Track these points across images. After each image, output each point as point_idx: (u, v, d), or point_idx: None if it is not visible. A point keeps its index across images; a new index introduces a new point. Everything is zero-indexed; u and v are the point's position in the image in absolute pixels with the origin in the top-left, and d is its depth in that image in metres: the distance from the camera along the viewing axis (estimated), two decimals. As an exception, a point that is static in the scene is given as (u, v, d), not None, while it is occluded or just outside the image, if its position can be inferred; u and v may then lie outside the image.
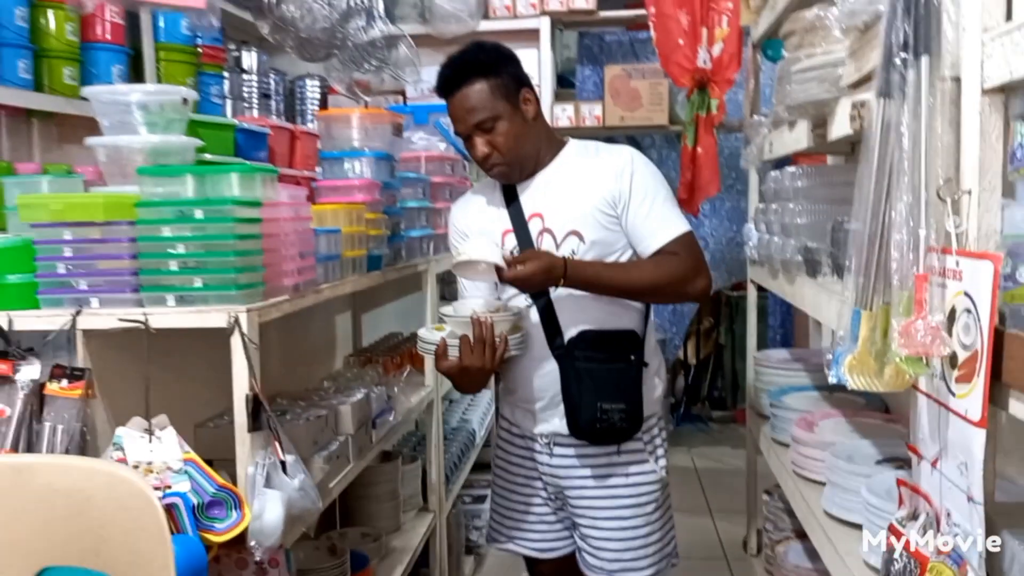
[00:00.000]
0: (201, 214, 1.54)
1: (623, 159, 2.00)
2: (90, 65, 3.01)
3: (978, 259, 0.99)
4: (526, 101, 2.00)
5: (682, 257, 1.93)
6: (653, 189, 1.98)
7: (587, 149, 2.07)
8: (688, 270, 1.93)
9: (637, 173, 1.97)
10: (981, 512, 1.00)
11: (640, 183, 1.97)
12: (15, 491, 1.12)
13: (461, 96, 1.95)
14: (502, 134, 1.95)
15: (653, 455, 2.04)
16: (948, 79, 1.10)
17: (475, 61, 1.97)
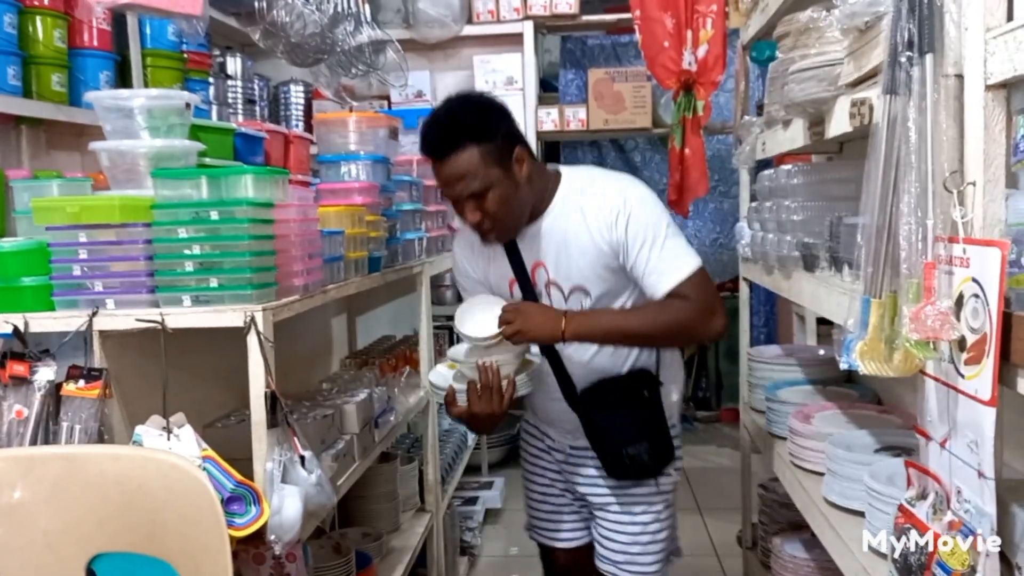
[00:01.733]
0: (216, 215, 1.56)
1: (615, 204, 1.87)
2: (78, 71, 3.01)
3: (986, 246, 1.04)
4: (519, 161, 1.86)
5: (692, 300, 1.84)
6: (652, 230, 1.87)
7: (579, 189, 1.94)
8: (697, 313, 1.85)
9: (632, 218, 1.86)
10: (992, 487, 1.04)
11: (637, 228, 1.86)
12: (67, 480, 1.14)
13: (451, 163, 1.81)
14: (495, 201, 1.84)
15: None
16: (951, 76, 1.15)
17: (466, 124, 1.82)
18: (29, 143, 2.97)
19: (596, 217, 1.88)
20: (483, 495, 4.09)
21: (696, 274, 1.87)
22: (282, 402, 1.56)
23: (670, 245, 1.87)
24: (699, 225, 5.28)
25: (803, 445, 2.06)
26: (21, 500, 1.16)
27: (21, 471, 1.20)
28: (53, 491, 1.15)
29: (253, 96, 4.37)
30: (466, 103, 1.91)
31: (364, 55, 3.61)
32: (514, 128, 1.90)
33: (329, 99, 4.06)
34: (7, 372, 1.52)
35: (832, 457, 1.83)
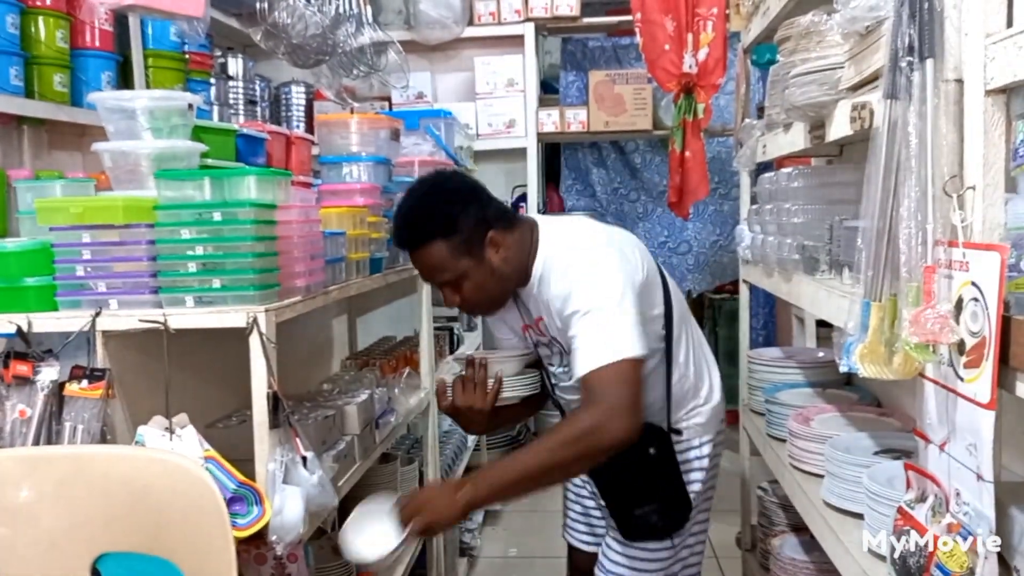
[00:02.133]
0: (220, 216, 1.56)
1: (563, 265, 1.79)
2: (80, 72, 3.02)
3: (985, 250, 1.05)
4: (493, 245, 1.81)
5: (598, 398, 1.65)
6: (593, 301, 1.71)
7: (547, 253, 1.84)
8: (600, 416, 1.64)
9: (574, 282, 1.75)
10: (991, 490, 1.05)
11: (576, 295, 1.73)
12: (73, 480, 1.15)
13: (421, 256, 1.82)
14: (469, 289, 1.83)
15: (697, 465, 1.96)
16: (951, 81, 1.16)
17: (430, 220, 1.79)
18: (31, 143, 2.98)
19: (552, 280, 1.81)
20: (483, 496, 4.08)
21: (616, 365, 1.66)
22: (284, 403, 1.56)
23: (605, 323, 1.69)
24: (699, 227, 5.29)
25: (802, 447, 2.06)
26: (26, 499, 1.17)
27: (26, 470, 1.20)
28: (58, 491, 1.16)
29: (254, 97, 4.38)
30: (430, 196, 1.85)
31: (365, 56, 3.62)
32: (486, 211, 1.83)
33: (330, 100, 4.07)
34: (10, 372, 1.53)
35: (831, 459, 1.84)
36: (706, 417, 1.99)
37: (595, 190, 5.38)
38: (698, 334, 2.04)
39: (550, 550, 3.81)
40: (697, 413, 1.98)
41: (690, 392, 1.96)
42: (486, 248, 1.80)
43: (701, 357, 2.01)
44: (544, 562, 3.72)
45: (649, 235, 5.38)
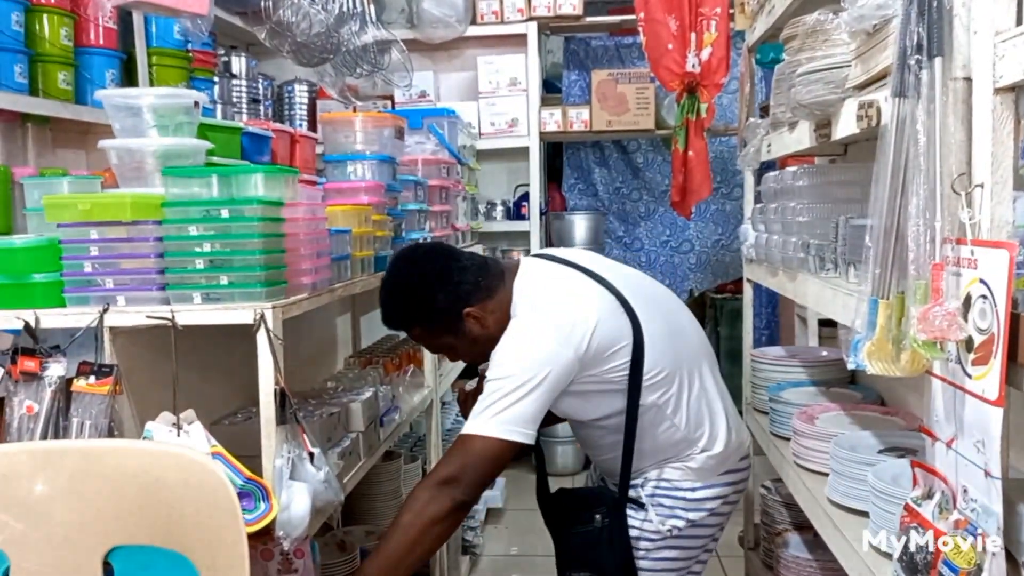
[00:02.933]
0: (227, 214, 1.57)
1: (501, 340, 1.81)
2: (84, 69, 3.03)
3: (994, 248, 1.05)
4: (471, 319, 1.88)
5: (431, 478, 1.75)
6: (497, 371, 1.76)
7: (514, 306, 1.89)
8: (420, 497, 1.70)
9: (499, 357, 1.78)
10: (999, 486, 1.05)
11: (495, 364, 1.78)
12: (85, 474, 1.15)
13: (410, 335, 2.01)
14: (461, 353, 2.02)
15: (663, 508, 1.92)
16: (960, 79, 1.16)
17: (407, 309, 1.92)
18: (35, 141, 2.99)
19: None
20: (485, 494, 4.09)
21: (473, 438, 1.72)
22: (291, 399, 1.57)
23: (495, 393, 1.73)
24: (701, 227, 5.29)
25: (807, 446, 2.07)
26: (39, 494, 1.17)
27: (39, 464, 1.21)
28: (71, 485, 1.16)
29: (257, 95, 4.38)
30: (402, 286, 1.93)
31: (369, 55, 3.62)
32: (459, 289, 1.87)
33: (333, 99, 4.07)
34: (18, 368, 1.53)
35: (836, 457, 1.84)
36: (701, 463, 1.92)
37: (597, 189, 5.39)
38: (706, 383, 1.96)
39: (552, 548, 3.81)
40: (690, 459, 1.93)
41: (682, 443, 1.92)
42: (465, 323, 1.89)
43: (702, 407, 1.94)
44: (546, 560, 3.71)
45: (651, 234, 5.39)
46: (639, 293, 1.91)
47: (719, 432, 1.94)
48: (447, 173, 3.38)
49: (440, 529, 1.71)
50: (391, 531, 1.72)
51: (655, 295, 2.01)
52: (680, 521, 1.92)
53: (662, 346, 1.86)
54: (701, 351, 2.00)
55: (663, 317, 1.93)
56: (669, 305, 2.02)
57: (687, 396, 1.90)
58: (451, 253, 1.98)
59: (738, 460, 2.00)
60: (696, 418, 1.92)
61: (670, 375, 1.87)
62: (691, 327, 2.04)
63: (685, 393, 1.90)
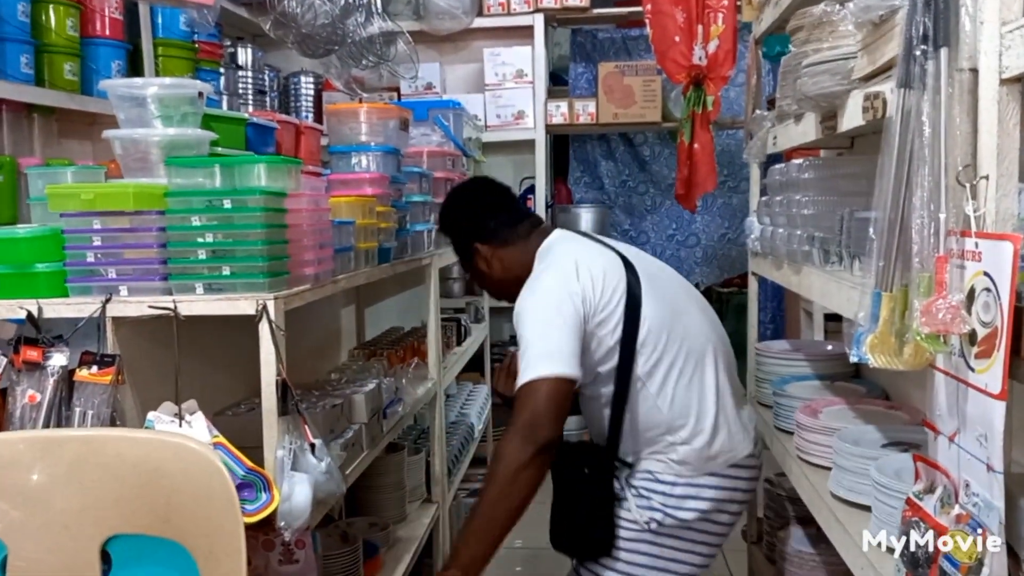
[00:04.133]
0: (230, 204, 1.57)
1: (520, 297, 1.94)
2: (90, 60, 3.03)
3: (998, 240, 1.04)
4: (477, 255, 2.14)
5: (511, 424, 1.80)
6: (522, 328, 1.86)
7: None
8: (507, 446, 1.77)
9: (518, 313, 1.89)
10: (1001, 480, 1.05)
11: (516, 320, 1.89)
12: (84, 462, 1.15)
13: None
14: (474, 277, 2.26)
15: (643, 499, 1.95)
16: (966, 70, 1.15)
17: (440, 216, 2.30)
18: (41, 131, 2.99)
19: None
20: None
21: (527, 386, 1.78)
22: (293, 390, 1.57)
23: (524, 348, 1.83)
24: (707, 220, 5.27)
25: (810, 440, 2.06)
26: (38, 482, 1.18)
27: (38, 453, 1.21)
28: (70, 473, 1.16)
29: (263, 87, 4.39)
30: (446, 198, 2.31)
31: (375, 46, 3.62)
32: (480, 223, 2.13)
33: (339, 90, 4.07)
34: (20, 357, 1.53)
35: (839, 452, 1.83)
36: (683, 456, 1.93)
37: (603, 183, 5.38)
38: (705, 377, 1.96)
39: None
40: (671, 449, 1.93)
41: (662, 425, 1.92)
42: (473, 254, 2.15)
43: (691, 398, 1.93)
44: (549, 553, 3.71)
45: (657, 228, 5.37)
46: (649, 272, 2.00)
47: (704, 427, 1.93)
48: (452, 165, 3.38)
49: (529, 474, 1.77)
50: (486, 486, 1.82)
51: (666, 279, 2.07)
52: (659, 515, 1.93)
53: (659, 320, 1.91)
54: (709, 346, 2.00)
55: (668, 298, 1.98)
56: (679, 292, 2.07)
57: (675, 380, 1.92)
58: (499, 193, 2.23)
59: (727, 466, 1.97)
60: (681, 406, 1.92)
61: (662, 353, 1.90)
62: (702, 319, 2.05)
63: (674, 377, 1.92)
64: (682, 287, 2.11)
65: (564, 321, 1.83)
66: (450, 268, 4.41)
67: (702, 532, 1.97)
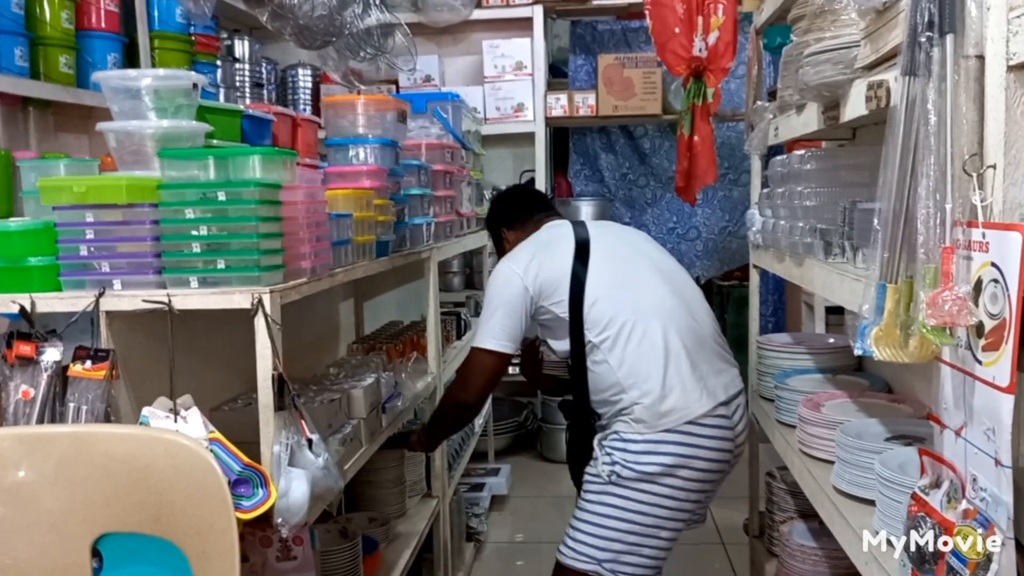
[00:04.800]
0: (224, 196, 1.55)
1: None
2: (85, 53, 3.00)
3: (1006, 230, 1.02)
4: (505, 239, 2.57)
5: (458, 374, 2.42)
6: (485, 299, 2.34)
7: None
8: (452, 388, 2.39)
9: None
10: (1009, 475, 1.03)
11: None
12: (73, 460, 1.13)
13: None
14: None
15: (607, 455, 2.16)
16: (972, 57, 1.13)
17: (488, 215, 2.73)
18: (37, 125, 2.97)
19: None
20: (489, 481, 4.09)
21: (472, 352, 2.29)
22: (289, 385, 1.55)
23: (483, 320, 2.29)
24: (708, 213, 5.25)
25: (813, 433, 2.04)
26: (26, 479, 1.16)
27: (26, 450, 1.19)
28: (58, 470, 1.14)
29: (261, 79, 4.36)
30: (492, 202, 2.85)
31: (372, 38, 3.59)
32: (508, 212, 2.62)
33: (337, 83, 4.05)
34: (13, 352, 1.52)
35: (842, 445, 1.82)
36: (639, 414, 2.12)
37: (603, 175, 5.35)
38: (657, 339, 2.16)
39: (557, 536, 3.78)
40: (630, 410, 2.14)
41: (616, 385, 2.16)
42: (501, 239, 2.60)
43: (642, 359, 2.14)
44: (550, 547, 3.68)
45: (658, 221, 5.35)
46: (613, 251, 2.31)
47: (653, 387, 2.12)
48: (451, 158, 3.35)
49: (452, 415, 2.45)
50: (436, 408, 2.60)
51: (631, 256, 2.34)
52: (618, 467, 2.13)
53: (609, 293, 2.20)
54: (662, 311, 2.21)
55: (625, 272, 2.28)
56: (641, 266, 2.31)
57: (624, 344, 2.15)
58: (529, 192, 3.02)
59: (683, 423, 2.12)
60: (631, 367, 2.14)
61: (612, 319, 2.17)
62: (663, 290, 2.26)
63: (624, 339, 2.16)
64: (648, 262, 2.33)
65: (507, 307, 2.24)
66: (449, 262, 4.39)
67: (666, 486, 2.13)
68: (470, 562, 3.49)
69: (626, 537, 2.13)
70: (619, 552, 2.13)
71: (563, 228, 2.41)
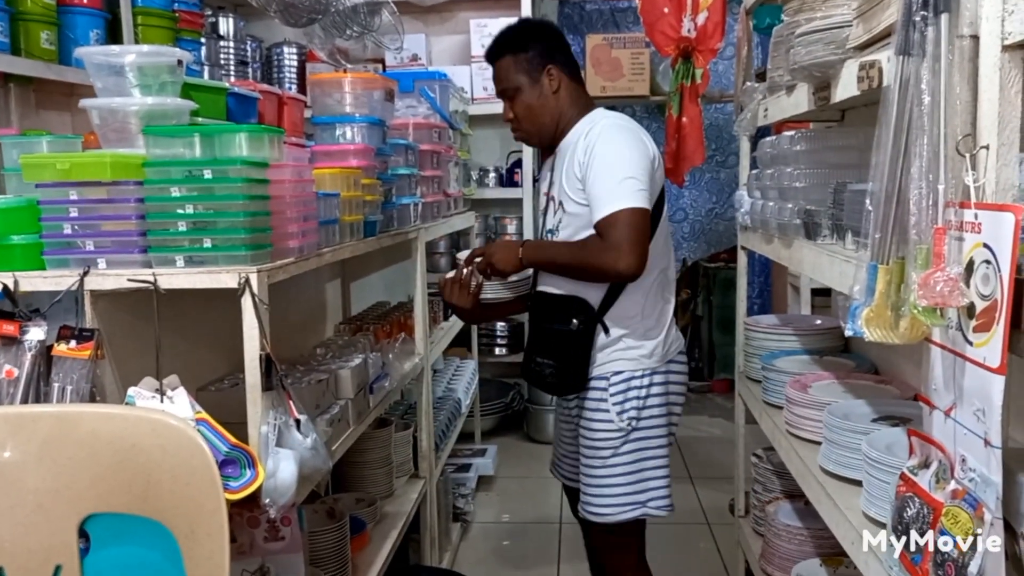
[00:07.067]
0: (210, 174, 1.53)
1: (592, 128, 2.13)
2: (68, 29, 2.96)
3: (999, 211, 1.02)
4: (549, 76, 2.22)
5: (605, 238, 2.00)
6: (608, 159, 2.04)
7: (590, 121, 2.20)
8: (603, 251, 1.99)
9: (598, 142, 2.07)
10: (999, 455, 1.03)
11: (599, 152, 2.05)
12: (60, 439, 1.12)
13: (496, 67, 2.28)
14: (520, 104, 2.25)
15: (619, 405, 2.16)
16: (967, 36, 1.12)
17: (507, 39, 2.27)
18: (18, 102, 2.93)
19: (580, 136, 2.16)
20: (476, 462, 4.10)
21: (622, 213, 1.99)
22: (277, 365, 1.54)
23: (617, 179, 2.02)
24: (695, 195, 5.25)
25: (800, 414, 2.05)
26: (10, 460, 1.14)
27: (10, 430, 1.17)
28: (43, 450, 1.13)
29: (245, 57, 4.31)
30: (516, 23, 2.36)
31: (359, 16, 3.55)
32: (553, 50, 2.24)
33: (323, 61, 4.00)
34: (-3, 332, 1.50)
35: (829, 426, 1.82)
36: (650, 349, 2.19)
37: (591, 156, 5.33)
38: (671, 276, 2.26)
39: (543, 516, 3.82)
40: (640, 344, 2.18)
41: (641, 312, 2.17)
42: (544, 75, 2.22)
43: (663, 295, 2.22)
44: (537, 527, 3.73)
45: (645, 202, 5.34)
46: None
47: (665, 322, 2.22)
48: (439, 138, 3.33)
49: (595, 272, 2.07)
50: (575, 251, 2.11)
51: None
52: (633, 411, 2.17)
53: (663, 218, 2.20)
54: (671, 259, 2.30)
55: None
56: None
57: (657, 273, 2.19)
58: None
59: (677, 352, 2.28)
60: (655, 298, 2.20)
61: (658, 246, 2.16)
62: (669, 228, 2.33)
63: (658, 269, 2.18)
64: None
65: (640, 162, 2.05)
66: (436, 243, 4.37)
67: (671, 405, 2.24)
68: (457, 542, 3.50)
69: (654, 471, 2.20)
70: (651, 484, 2.19)
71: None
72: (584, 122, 2.21)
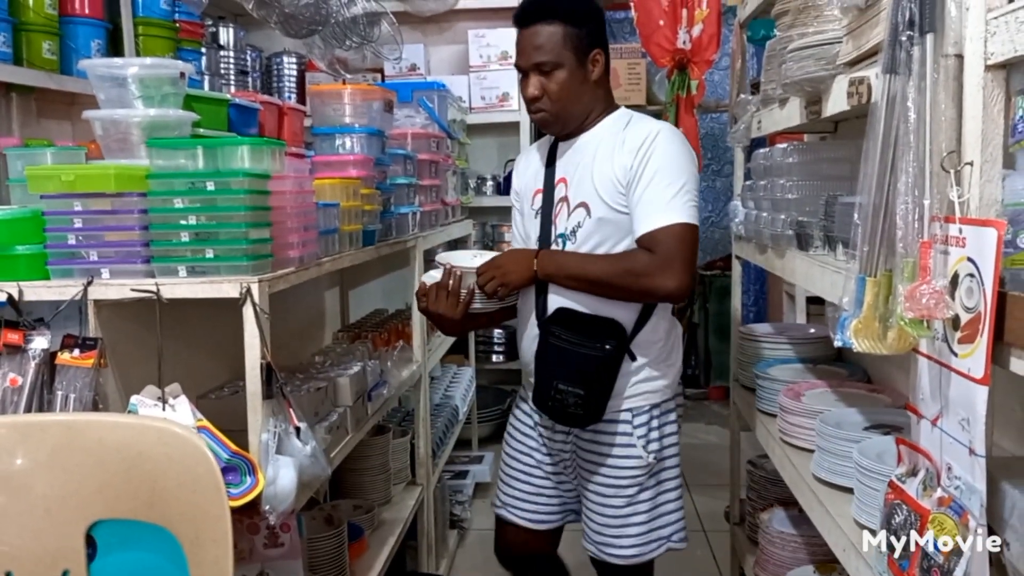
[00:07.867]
0: (212, 186, 1.55)
1: (648, 133, 1.94)
2: (69, 39, 2.98)
3: (983, 226, 1.05)
4: (594, 62, 1.99)
5: (656, 252, 1.84)
6: (664, 171, 1.89)
7: (625, 119, 2.03)
8: (652, 266, 1.84)
9: (655, 151, 1.90)
10: (983, 464, 1.06)
11: (654, 163, 1.89)
12: (67, 447, 1.14)
13: (533, 31, 1.95)
14: (557, 83, 1.96)
15: (644, 439, 2.03)
16: (951, 56, 1.15)
17: (562, 5, 1.95)
18: (19, 111, 2.95)
19: (627, 139, 1.95)
20: (473, 469, 4.11)
21: (673, 228, 1.86)
22: (277, 373, 1.56)
23: (670, 192, 1.88)
24: (691, 204, 5.28)
25: (793, 422, 2.08)
26: (20, 467, 1.16)
27: (20, 438, 1.20)
28: (52, 458, 1.15)
29: (246, 67, 4.34)
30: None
31: (358, 27, 3.59)
32: (603, 34, 2.01)
33: (322, 71, 4.03)
34: (1, 340, 1.52)
35: (822, 434, 1.85)
36: (672, 379, 2.10)
37: (588, 165, 5.36)
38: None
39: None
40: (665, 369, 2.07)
41: (665, 337, 2.06)
42: (588, 59, 1.98)
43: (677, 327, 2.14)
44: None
45: (641, 211, 5.37)
46: None
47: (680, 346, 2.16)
48: (437, 147, 3.36)
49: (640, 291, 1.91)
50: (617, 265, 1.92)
51: None
52: (655, 444, 2.05)
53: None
54: None
55: None
56: None
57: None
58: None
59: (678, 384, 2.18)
60: (671, 322, 2.11)
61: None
62: None
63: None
64: None
65: (691, 176, 1.95)
66: (434, 250, 4.39)
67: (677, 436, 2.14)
68: (454, 549, 3.51)
69: (674, 503, 2.10)
70: (671, 516, 2.09)
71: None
72: (614, 119, 2.04)
